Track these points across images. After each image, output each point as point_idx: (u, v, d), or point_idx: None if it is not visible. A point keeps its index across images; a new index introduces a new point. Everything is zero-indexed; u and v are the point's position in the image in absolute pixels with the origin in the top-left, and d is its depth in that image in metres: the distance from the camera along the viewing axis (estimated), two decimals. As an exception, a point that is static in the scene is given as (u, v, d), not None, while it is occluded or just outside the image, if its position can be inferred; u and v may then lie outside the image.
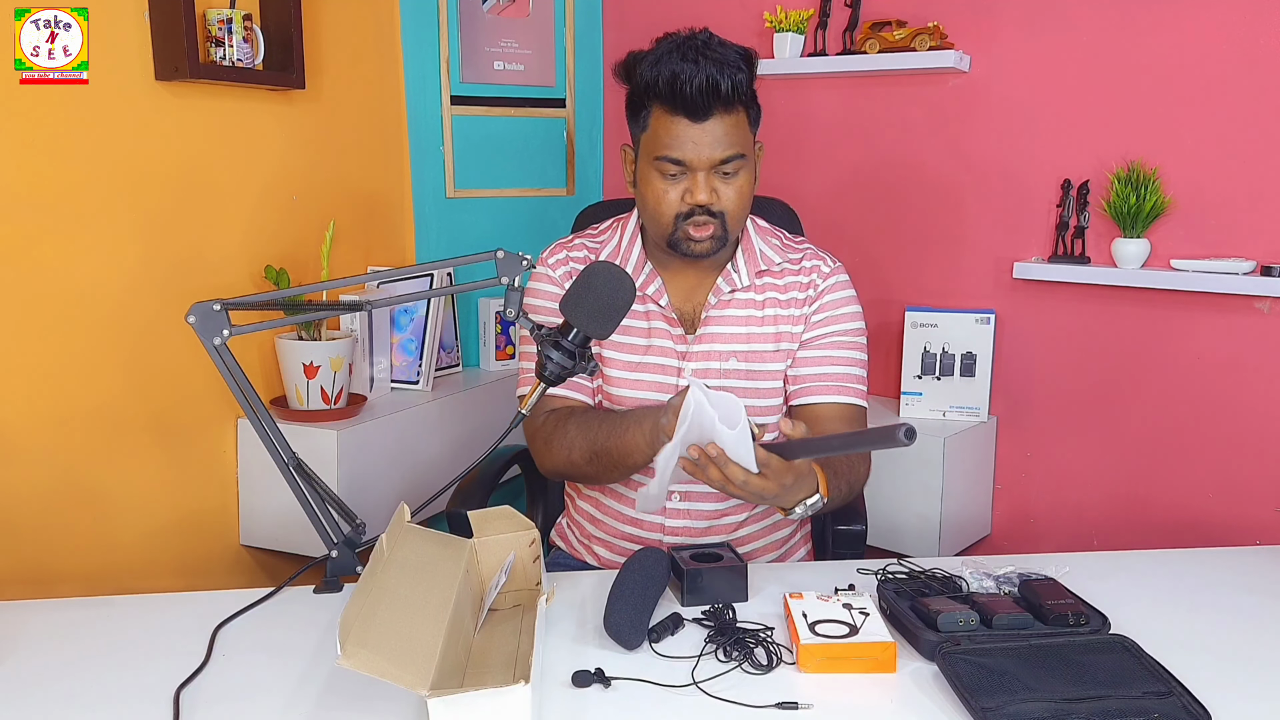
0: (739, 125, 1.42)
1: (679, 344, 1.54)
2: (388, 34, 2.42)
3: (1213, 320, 2.11)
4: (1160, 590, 1.34)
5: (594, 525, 1.63)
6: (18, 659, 1.15)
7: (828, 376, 1.54)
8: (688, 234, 1.45)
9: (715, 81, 1.37)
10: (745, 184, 1.45)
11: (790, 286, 1.56)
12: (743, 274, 1.54)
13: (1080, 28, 2.19)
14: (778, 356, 1.55)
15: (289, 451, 1.31)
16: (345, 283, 1.46)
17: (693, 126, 1.39)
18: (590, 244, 1.61)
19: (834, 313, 1.55)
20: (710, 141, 1.40)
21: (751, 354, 1.54)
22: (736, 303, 1.54)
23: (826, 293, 1.55)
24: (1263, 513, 2.09)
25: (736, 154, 1.42)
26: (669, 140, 1.41)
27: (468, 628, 1.16)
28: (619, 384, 1.55)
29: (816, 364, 1.54)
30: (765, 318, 1.54)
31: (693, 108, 1.38)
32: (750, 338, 1.54)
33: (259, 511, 2.11)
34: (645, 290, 1.54)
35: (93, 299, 1.82)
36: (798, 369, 1.55)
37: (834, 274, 1.57)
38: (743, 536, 1.58)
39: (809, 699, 1.04)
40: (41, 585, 1.75)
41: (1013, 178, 2.31)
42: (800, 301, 1.55)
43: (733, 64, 1.39)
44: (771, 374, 1.55)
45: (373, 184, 2.41)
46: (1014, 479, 2.40)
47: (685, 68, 1.37)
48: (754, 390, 1.53)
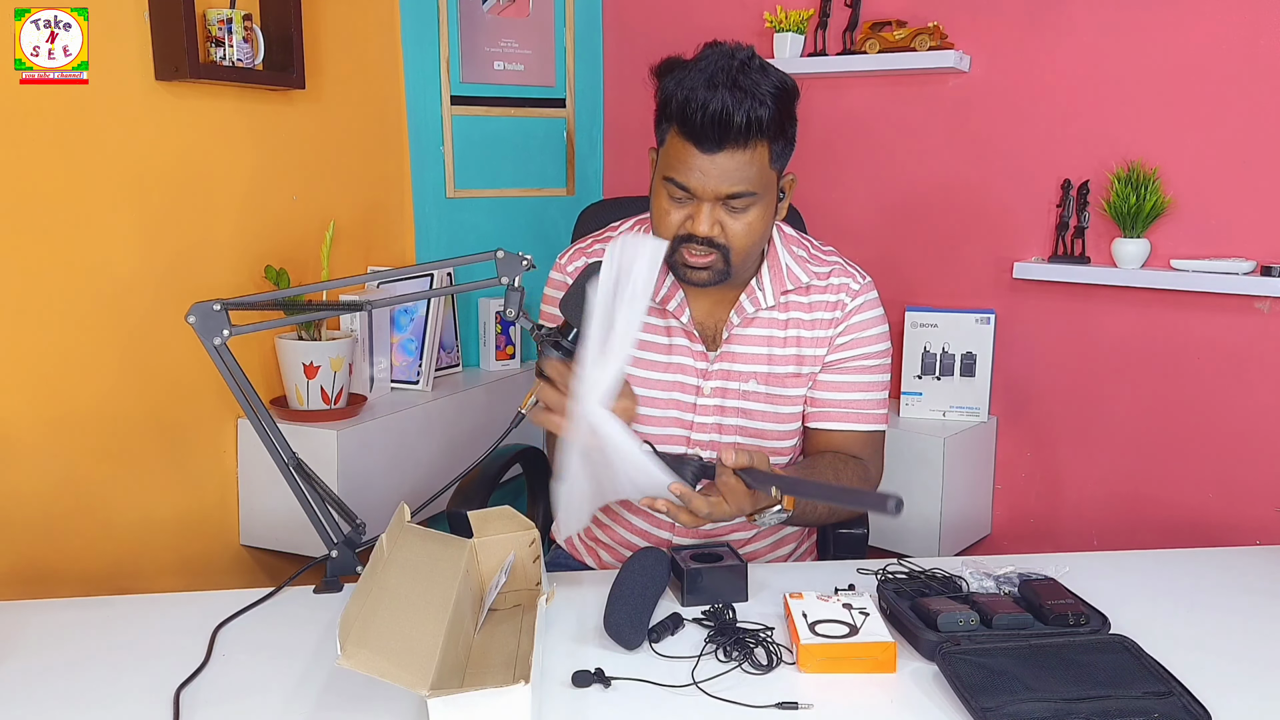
0: (754, 161, 1.33)
1: (699, 361, 1.50)
2: (388, 34, 2.42)
3: (1213, 320, 2.11)
4: (1160, 590, 1.34)
5: (600, 529, 1.61)
6: (18, 659, 1.15)
7: (847, 404, 1.51)
8: (684, 259, 1.39)
9: (729, 114, 1.28)
10: (756, 220, 1.37)
11: (816, 306, 1.50)
12: (768, 293, 1.48)
13: (1080, 28, 2.19)
14: (799, 381, 1.51)
15: (289, 451, 1.31)
16: (345, 283, 1.46)
17: (701, 156, 1.32)
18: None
19: (859, 335, 1.50)
20: (718, 175, 1.32)
21: (772, 377, 1.50)
22: (759, 322, 1.49)
23: (855, 313, 1.50)
24: (1263, 513, 2.09)
25: (745, 191, 1.34)
26: (678, 165, 1.34)
27: (468, 628, 1.16)
28: (640, 401, 1.49)
29: (837, 389, 1.51)
30: (788, 339, 1.50)
31: (703, 137, 1.30)
32: (771, 359, 1.50)
33: (259, 511, 2.11)
34: (666, 305, 1.49)
35: (93, 299, 1.82)
36: (817, 391, 1.51)
37: (863, 292, 1.51)
38: (751, 552, 1.59)
39: (809, 699, 1.04)
40: (41, 585, 1.75)
41: (1013, 178, 2.31)
42: (826, 323, 1.50)
43: (758, 97, 1.29)
44: (791, 399, 1.51)
45: (373, 184, 2.41)
46: (1014, 479, 2.40)
47: (702, 95, 1.29)
48: (772, 414, 1.51)
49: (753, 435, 1.51)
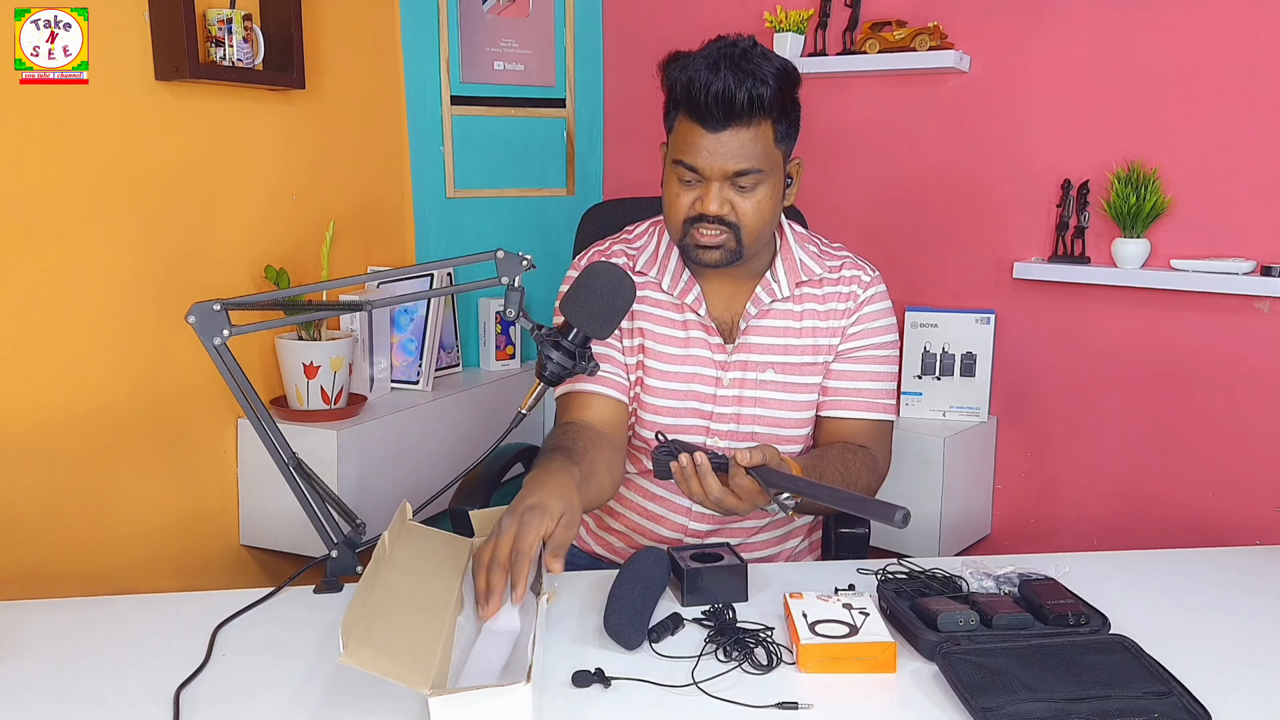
0: (757, 139, 1.39)
1: (717, 353, 1.53)
2: (388, 34, 2.42)
3: (1213, 320, 2.11)
4: (1160, 590, 1.34)
5: (611, 517, 1.63)
6: (18, 659, 1.15)
7: (858, 392, 1.54)
8: (695, 240, 1.44)
9: (731, 92, 1.35)
10: (765, 199, 1.43)
11: (830, 298, 1.55)
12: (783, 284, 1.53)
13: (1080, 28, 2.19)
14: (814, 370, 1.54)
15: (289, 451, 1.31)
16: (345, 283, 1.46)
17: (708, 135, 1.38)
18: (628, 250, 1.58)
19: (870, 325, 1.55)
20: (724, 153, 1.39)
21: (788, 366, 1.53)
22: (775, 313, 1.54)
23: (866, 303, 1.55)
24: (1263, 513, 2.09)
25: (752, 168, 1.40)
26: (686, 146, 1.41)
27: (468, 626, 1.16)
28: (658, 394, 1.54)
29: (849, 378, 1.55)
30: (803, 329, 1.54)
31: (707, 116, 1.37)
32: (788, 349, 1.54)
33: (259, 511, 2.11)
34: (684, 299, 1.53)
35: (93, 299, 1.82)
36: (830, 380, 1.55)
37: (873, 284, 1.57)
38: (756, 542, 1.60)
39: (809, 699, 1.04)
40: (41, 585, 1.75)
41: (1012, 178, 2.31)
42: (840, 313, 1.55)
43: (759, 76, 1.36)
44: (807, 387, 1.54)
45: (373, 184, 2.41)
46: (1014, 479, 2.40)
47: (705, 76, 1.36)
48: (789, 402, 1.54)
49: (770, 424, 1.54)
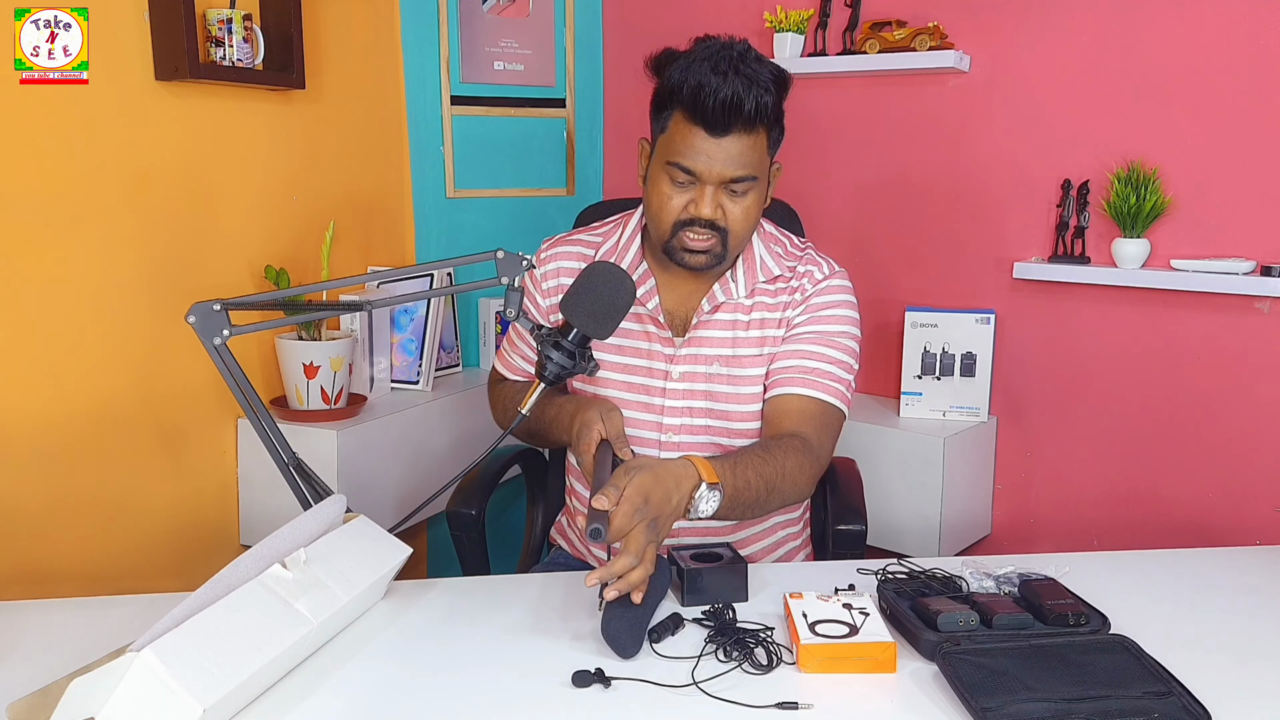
0: (756, 146, 1.40)
1: (667, 347, 1.54)
2: (388, 34, 2.42)
3: (1213, 320, 2.11)
4: (1160, 590, 1.34)
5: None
6: (18, 659, 1.15)
7: (802, 370, 1.50)
8: (684, 243, 1.44)
9: (740, 99, 1.35)
10: (753, 205, 1.44)
11: (781, 292, 1.55)
12: (740, 285, 1.53)
13: (1080, 28, 2.19)
14: (759, 361, 1.53)
15: (289, 451, 1.31)
16: (345, 283, 1.46)
17: (710, 140, 1.38)
18: (589, 239, 1.61)
19: (817, 314, 1.53)
20: (724, 158, 1.39)
21: (734, 359, 1.53)
22: (727, 308, 1.54)
23: (814, 295, 1.53)
24: (1263, 513, 2.09)
25: (748, 175, 1.41)
26: (684, 148, 1.40)
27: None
28: (606, 385, 1.56)
29: (787, 357, 1.52)
30: (751, 322, 1.54)
31: (713, 122, 1.37)
32: (736, 342, 1.54)
33: (259, 511, 2.11)
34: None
35: (92, 299, 1.82)
36: (774, 362, 1.53)
37: (828, 279, 1.54)
38: (744, 538, 1.59)
39: (809, 699, 1.04)
40: (41, 585, 1.75)
41: (1013, 178, 2.31)
42: (787, 305, 1.54)
43: (762, 84, 1.37)
44: (753, 379, 1.54)
45: (373, 184, 2.41)
46: (1014, 479, 2.40)
47: (713, 80, 1.35)
48: (737, 395, 1.53)
49: (718, 417, 1.54)
